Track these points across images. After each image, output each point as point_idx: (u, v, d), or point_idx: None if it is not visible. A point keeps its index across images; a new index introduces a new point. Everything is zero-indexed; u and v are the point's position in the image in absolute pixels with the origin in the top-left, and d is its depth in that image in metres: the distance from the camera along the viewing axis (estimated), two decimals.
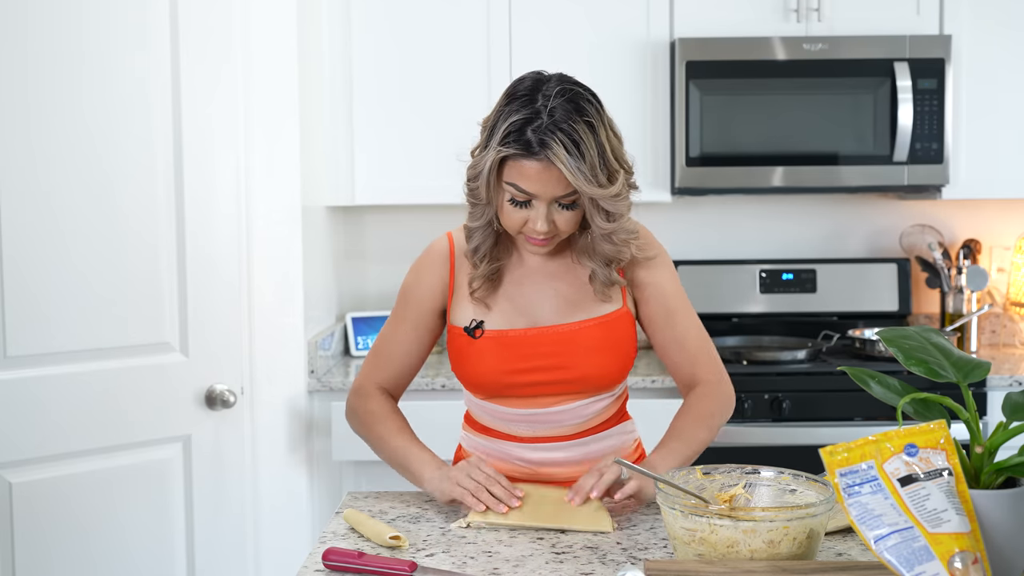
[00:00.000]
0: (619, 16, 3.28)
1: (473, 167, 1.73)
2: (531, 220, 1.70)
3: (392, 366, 1.90)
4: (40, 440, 2.39)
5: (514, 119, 1.64)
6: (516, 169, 1.66)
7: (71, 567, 2.44)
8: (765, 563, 1.34)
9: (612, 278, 1.80)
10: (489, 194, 1.71)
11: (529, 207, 1.70)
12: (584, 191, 1.65)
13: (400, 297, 1.90)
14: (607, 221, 1.71)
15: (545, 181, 1.65)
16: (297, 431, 2.92)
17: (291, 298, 2.86)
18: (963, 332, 3.47)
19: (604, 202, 1.68)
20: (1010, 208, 3.64)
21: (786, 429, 3.08)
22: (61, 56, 2.37)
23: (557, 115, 1.63)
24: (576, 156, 1.62)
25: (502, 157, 1.66)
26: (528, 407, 1.82)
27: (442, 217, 3.64)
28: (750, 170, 3.27)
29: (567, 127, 1.63)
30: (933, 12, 3.29)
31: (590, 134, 1.64)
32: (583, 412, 1.84)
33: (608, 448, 1.87)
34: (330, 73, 3.26)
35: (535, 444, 1.84)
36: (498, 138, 1.66)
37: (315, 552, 1.54)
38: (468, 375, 1.83)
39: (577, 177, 1.63)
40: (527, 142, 1.63)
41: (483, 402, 1.86)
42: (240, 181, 2.70)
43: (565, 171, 1.62)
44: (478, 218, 1.77)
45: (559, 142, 1.62)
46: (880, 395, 1.41)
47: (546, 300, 1.83)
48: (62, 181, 2.39)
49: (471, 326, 1.81)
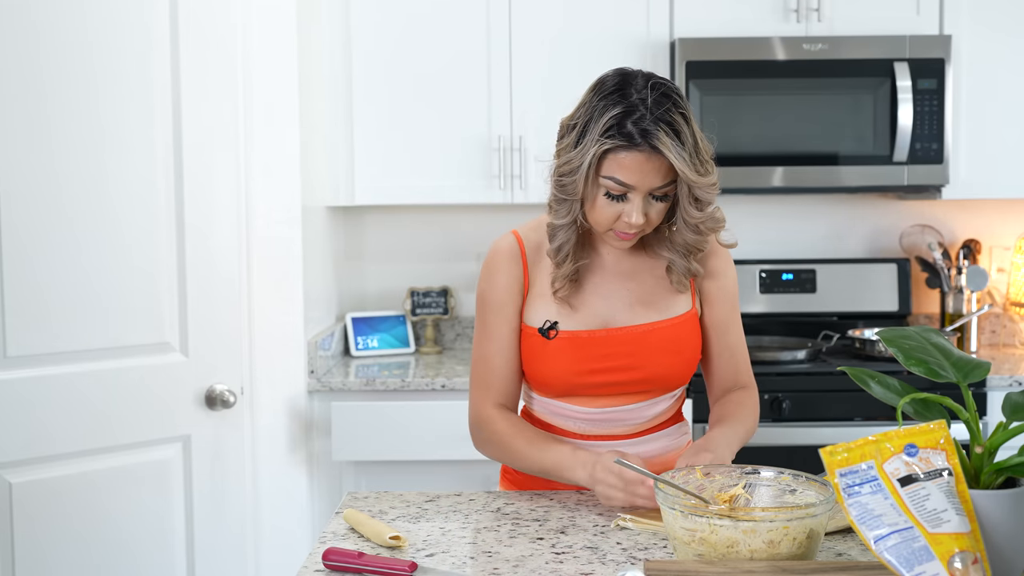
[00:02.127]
0: (619, 16, 3.28)
1: (568, 163, 1.72)
2: (625, 214, 1.71)
3: (498, 381, 1.86)
4: (40, 440, 2.39)
5: (612, 113, 1.66)
6: (616, 162, 1.67)
7: (71, 567, 2.44)
8: (765, 563, 1.34)
9: (692, 268, 1.82)
10: (586, 189, 1.71)
11: (624, 201, 1.70)
12: (688, 178, 1.67)
13: (479, 308, 1.88)
14: (698, 210, 1.73)
15: (646, 172, 1.67)
16: (297, 431, 2.92)
17: (291, 298, 2.86)
18: (963, 332, 3.47)
19: (699, 190, 1.70)
20: (1010, 208, 3.64)
21: (786, 429, 3.08)
22: (62, 56, 2.37)
23: (655, 107, 1.66)
24: (678, 144, 1.65)
25: (604, 151, 1.67)
26: (594, 406, 1.84)
27: (442, 217, 3.66)
28: (750, 170, 3.27)
29: (668, 118, 1.66)
30: (933, 12, 3.29)
31: (685, 124, 1.68)
32: (646, 413, 1.86)
33: (662, 448, 1.89)
34: (330, 73, 3.26)
35: (593, 442, 1.85)
36: (598, 132, 1.67)
37: (315, 552, 1.54)
38: (539, 375, 1.83)
39: (683, 164, 1.66)
40: (629, 134, 1.65)
41: (548, 400, 1.87)
42: (240, 181, 2.70)
43: (672, 158, 1.64)
44: (563, 215, 1.77)
45: (663, 131, 1.65)
46: (880, 395, 1.41)
47: (619, 300, 1.84)
48: (62, 181, 2.39)
49: (545, 327, 1.81)
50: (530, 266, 1.84)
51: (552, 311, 1.82)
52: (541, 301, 1.83)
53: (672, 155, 1.65)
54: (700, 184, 1.69)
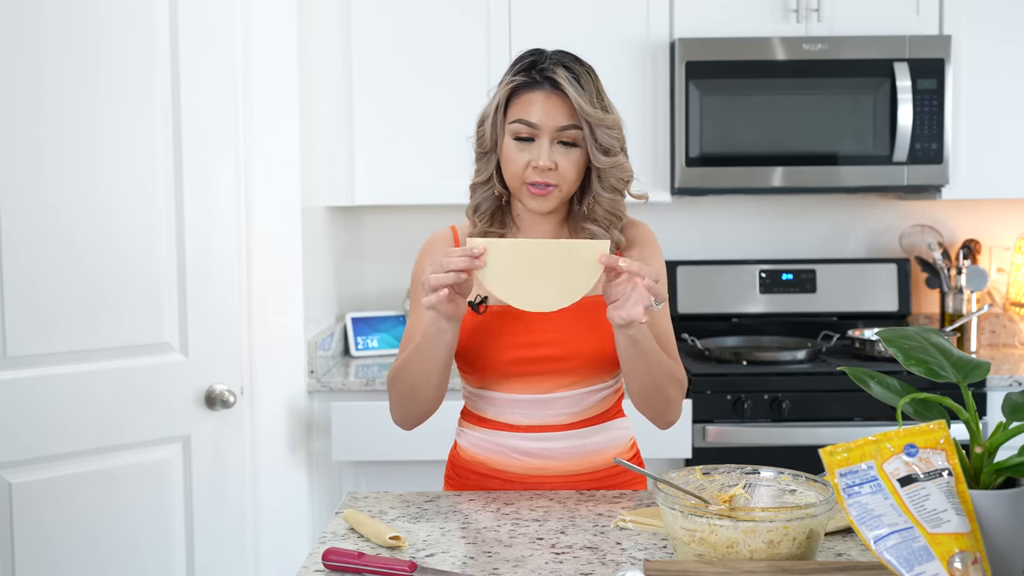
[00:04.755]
0: (619, 16, 3.28)
1: (483, 112, 1.86)
2: (534, 159, 1.79)
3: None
4: (40, 440, 2.39)
5: (520, 64, 1.83)
6: (519, 104, 1.80)
7: (71, 567, 2.44)
8: (765, 563, 1.34)
9: (614, 238, 1.86)
10: (495, 134, 1.83)
11: (532, 144, 1.79)
12: (584, 111, 1.77)
13: (412, 288, 1.96)
14: (604, 155, 1.81)
15: (547, 110, 1.78)
16: (297, 431, 2.92)
17: (291, 298, 2.87)
18: (963, 332, 3.47)
19: (600, 131, 1.78)
20: (1010, 208, 3.64)
21: (786, 429, 3.08)
22: (61, 57, 2.37)
23: (556, 55, 1.83)
24: (577, 86, 1.78)
25: (509, 94, 1.81)
26: (529, 392, 1.84)
27: (442, 217, 3.64)
28: (750, 170, 3.27)
29: (568, 65, 1.81)
30: (933, 12, 3.29)
31: (588, 76, 1.82)
32: (580, 401, 1.86)
33: (605, 441, 1.89)
34: (330, 73, 3.26)
35: (532, 434, 1.86)
36: (506, 78, 1.83)
37: (315, 552, 1.54)
38: (473, 353, 1.85)
39: (579, 98, 1.77)
40: (532, 75, 1.80)
41: (482, 391, 1.89)
42: (240, 181, 2.70)
43: (568, 88, 1.76)
44: (482, 173, 1.89)
45: (562, 71, 1.79)
46: (880, 395, 1.41)
47: None
48: (62, 181, 2.39)
49: (476, 301, 1.86)
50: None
51: (482, 289, 1.86)
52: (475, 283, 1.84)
53: (569, 88, 1.76)
54: (598, 120, 1.78)
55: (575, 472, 1.87)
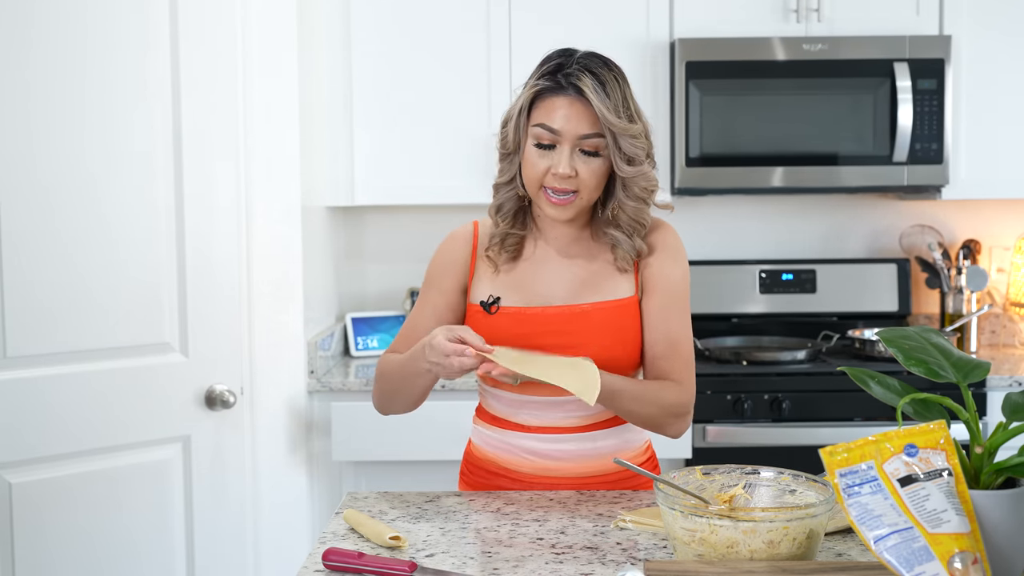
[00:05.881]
0: (619, 16, 3.28)
1: (507, 113, 1.84)
2: (554, 165, 1.76)
3: (413, 342, 1.88)
4: (40, 440, 2.39)
5: (546, 66, 1.79)
6: (543, 108, 1.77)
7: (71, 567, 2.44)
8: (765, 563, 1.34)
9: (636, 245, 1.85)
10: (518, 137, 1.80)
11: (553, 151, 1.77)
12: (607, 120, 1.73)
13: (424, 281, 1.95)
14: (628, 165, 1.78)
15: (571, 117, 1.75)
16: (297, 431, 2.92)
17: (291, 298, 2.86)
18: (963, 332, 3.47)
19: (624, 140, 1.75)
20: (1010, 208, 3.64)
21: (786, 429, 3.08)
22: (62, 56, 2.37)
23: (583, 59, 1.78)
24: (602, 94, 1.74)
25: (532, 97, 1.78)
26: (537, 393, 1.84)
27: (442, 217, 3.65)
28: (750, 170, 3.27)
29: (595, 70, 1.76)
30: (933, 12, 3.29)
31: (615, 83, 1.77)
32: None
33: (616, 445, 1.88)
34: (330, 73, 3.26)
35: (543, 435, 1.85)
36: (531, 81, 1.79)
37: (315, 552, 1.54)
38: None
39: (603, 107, 1.73)
40: (557, 79, 1.76)
41: (494, 389, 1.89)
42: (240, 181, 2.70)
43: (592, 97, 1.73)
44: (504, 173, 1.86)
45: (588, 78, 1.75)
46: (880, 395, 1.41)
47: (563, 281, 1.87)
48: (61, 180, 2.39)
49: (488, 301, 1.85)
50: (479, 250, 1.91)
51: (496, 289, 1.86)
52: (488, 282, 1.87)
53: (593, 96, 1.73)
54: (622, 130, 1.75)
55: (585, 474, 1.87)
